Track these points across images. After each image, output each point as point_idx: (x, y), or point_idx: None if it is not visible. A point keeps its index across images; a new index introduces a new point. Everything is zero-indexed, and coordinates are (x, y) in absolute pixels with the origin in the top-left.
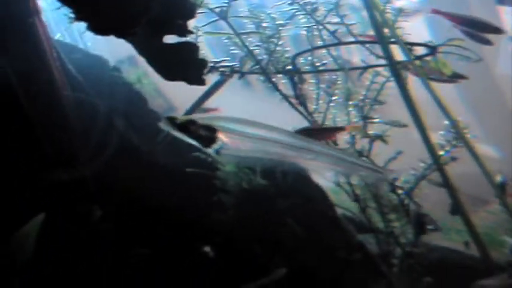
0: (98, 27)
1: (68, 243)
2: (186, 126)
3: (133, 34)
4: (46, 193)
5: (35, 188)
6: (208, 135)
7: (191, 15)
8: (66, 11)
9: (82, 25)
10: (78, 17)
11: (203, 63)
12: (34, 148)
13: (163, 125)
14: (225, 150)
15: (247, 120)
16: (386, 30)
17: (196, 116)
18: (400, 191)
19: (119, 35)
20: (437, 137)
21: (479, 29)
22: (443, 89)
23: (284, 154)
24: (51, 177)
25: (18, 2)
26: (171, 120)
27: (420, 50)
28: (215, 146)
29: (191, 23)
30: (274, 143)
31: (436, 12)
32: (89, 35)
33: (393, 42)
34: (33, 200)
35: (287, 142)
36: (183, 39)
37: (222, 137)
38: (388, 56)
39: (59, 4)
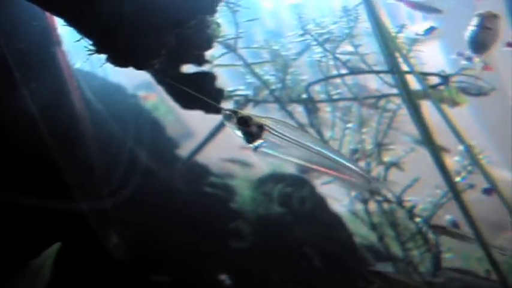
0: (117, 60)
1: (85, 271)
2: (246, 120)
3: (152, 66)
4: (67, 223)
5: (56, 218)
6: (257, 131)
7: (208, 46)
8: (86, 42)
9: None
10: (98, 49)
11: (220, 92)
12: (55, 178)
13: (225, 117)
14: (263, 147)
15: (291, 124)
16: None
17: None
18: (418, 219)
19: (138, 67)
20: (453, 162)
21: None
22: (459, 115)
23: (312, 161)
24: (72, 207)
25: (40, 33)
26: (234, 113)
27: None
28: (257, 142)
29: (208, 53)
30: (306, 148)
31: None
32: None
33: (406, 72)
34: (52, 230)
35: (318, 150)
36: (201, 68)
37: (266, 135)
38: (402, 85)
39: (79, 36)
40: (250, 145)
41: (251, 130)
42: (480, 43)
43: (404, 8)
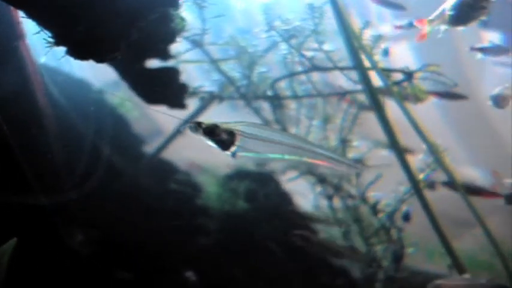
0: (77, 52)
1: (46, 267)
2: (212, 130)
3: (113, 59)
4: (26, 217)
5: (15, 212)
6: (228, 139)
7: (172, 40)
8: (47, 35)
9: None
10: (57, 42)
11: (184, 87)
12: (15, 171)
13: (190, 129)
14: (240, 152)
15: (260, 124)
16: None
17: (219, 122)
18: (381, 214)
19: (98, 60)
20: (417, 160)
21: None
22: (426, 113)
23: (290, 153)
24: (31, 201)
25: (2, 26)
26: (198, 125)
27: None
28: (232, 149)
29: (173, 48)
30: (281, 144)
31: None
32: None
33: (370, 69)
34: (11, 224)
35: (292, 144)
36: (166, 63)
37: (239, 140)
38: (365, 81)
39: (39, 28)
40: (227, 152)
41: (221, 138)
42: None
43: (374, 9)
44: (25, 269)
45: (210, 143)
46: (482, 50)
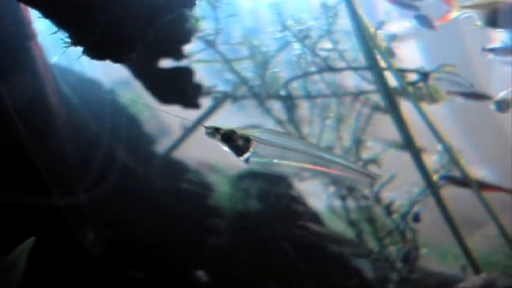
0: (94, 53)
1: (61, 266)
2: (230, 137)
3: (129, 59)
4: (41, 218)
5: (30, 213)
6: (243, 145)
7: (187, 40)
8: (63, 35)
9: (79, 49)
10: (74, 42)
11: (198, 87)
12: (29, 172)
13: (207, 135)
14: (254, 158)
15: (277, 131)
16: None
17: (235, 127)
18: (395, 215)
19: (115, 60)
20: (431, 161)
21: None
22: (437, 114)
23: (305, 162)
24: (45, 202)
25: (14, 26)
26: (216, 130)
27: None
28: (246, 155)
29: (187, 48)
30: (297, 152)
31: None
32: (85, 58)
33: (385, 69)
34: (26, 225)
35: (308, 152)
36: (179, 63)
37: (254, 146)
38: (381, 81)
39: (55, 28)
40: (241, 158)
41: (237, 144)
42: None
43: (382, 6)
44: (40, 269)
45: (225, 148)
46: (493, 50)
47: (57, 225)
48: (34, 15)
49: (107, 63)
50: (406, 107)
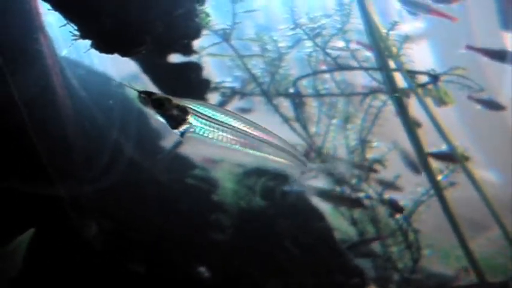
0: (103, 46)
1: (61, 257)
2: (162, 103)
3: (138, 53)
4: (43, 207)
5: (32, 202)
6: (180, 115)
7: (196, 35)
8: (72, 28)
9: (88, 42)
10: (83, 35)
11: (206, 83)
12: (34, 163)
13: (140, 101)
14: (190, 132)
15: (216, 106)
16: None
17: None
18: (398, 216)
19: (123, 53)
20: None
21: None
22: (443, 114)
23: (241, 141)
24: (49, 192)
25: (22, 18)
26: (148, 95)
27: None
28: (183, 127)
29: (196, 43)
30: (233, 130)
31: None
32: (95, 52)
33: (395, 70)
34: (28, 214)
35: (247, 132)
36: (188, 58)
37: (191, 119)
38: (389, 82)
39: (65, 21)
40: (175, 131)
41: (172, 114)
42: None
43: (394, 6)
44: (40, 260)
45: (160, 118)
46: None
47: (60, 217)
48: (44, 8)
49: (116, 57)
50: (414, 107)
